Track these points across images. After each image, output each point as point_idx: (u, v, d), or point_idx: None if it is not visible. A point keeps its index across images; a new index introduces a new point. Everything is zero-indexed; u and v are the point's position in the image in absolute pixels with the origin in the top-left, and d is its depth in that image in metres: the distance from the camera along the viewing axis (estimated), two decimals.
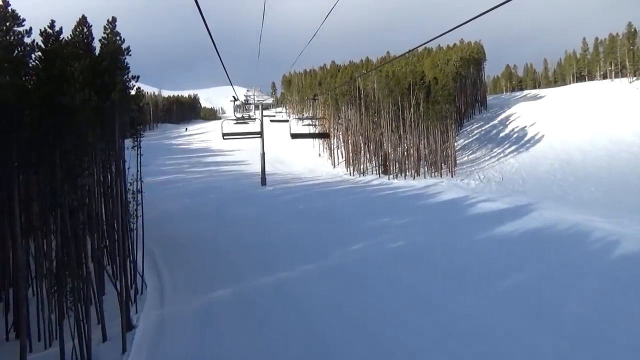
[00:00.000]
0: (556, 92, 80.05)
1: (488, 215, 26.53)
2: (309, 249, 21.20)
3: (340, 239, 22.52)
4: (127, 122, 16.84)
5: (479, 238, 21.68)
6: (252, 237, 24.40)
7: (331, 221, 27.15)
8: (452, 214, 27.85)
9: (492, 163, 49.80)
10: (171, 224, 30.09)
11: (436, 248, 20.38)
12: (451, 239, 21.72)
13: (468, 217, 26.73)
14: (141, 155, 20.76)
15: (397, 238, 22.10)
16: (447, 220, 26.01)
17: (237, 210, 33.25)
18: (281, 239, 23.58)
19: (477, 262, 18.30)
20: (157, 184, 50.70)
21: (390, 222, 25.90)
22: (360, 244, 21.46)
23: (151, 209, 35.50)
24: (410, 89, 46.66)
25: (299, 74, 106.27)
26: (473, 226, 24.10)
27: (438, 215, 27.41)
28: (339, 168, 61.87)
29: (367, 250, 20.41)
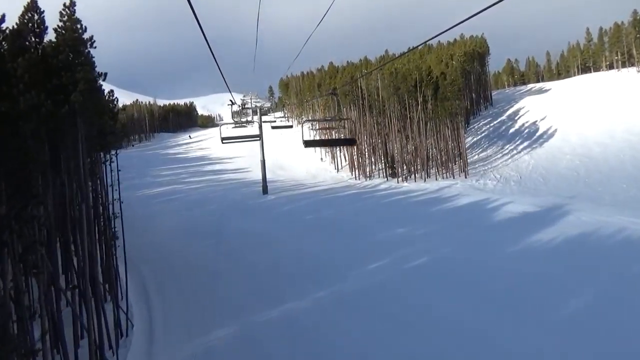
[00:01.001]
0: (562, 84, 77.50)
1: (517, 221, 23.78)
2: (320, 271, 18.44)
3: (354, 257, 19.76)
4: (98, 132, 14.03)
5: (513, 250, 18.92)
6: (255, 257, 21.63)
7: (341, 234, 24.40)
8: (475, 220, 25.10)
9: (506, 161, 47.08)
10: (166, 243, 27.34)
11: (465, 265, 17.59)
12: (481, 252, 18.95)
13: (494, 224, 23.97)
14: (119, 170, 17.95)
15: (418, 253, 19.33)
16: (471, 228, 23.24)
17: (238, 224, 30.52)
18: (288, 258, 20.80)
19: (520, 282, 15.53)
20: (151, 197, 48.13)
21: (407, 234, 23.14)
22: (378, 262, 18.69)
23: (144, 226, 32.94)
24: (416, 86, 44.00)
25: (296, 77, 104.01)
26: (503, 235, 21.35)
27: (459, 223, 24.65)
28: (343, 172, 59.19)
29: (387, 271, 17.64)
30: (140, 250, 26.79)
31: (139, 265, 23.11)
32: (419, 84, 43.75)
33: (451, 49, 70.24)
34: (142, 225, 33.63)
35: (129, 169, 69.51)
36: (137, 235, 31.32)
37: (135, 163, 72.44)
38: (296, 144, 77.97)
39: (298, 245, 22.70)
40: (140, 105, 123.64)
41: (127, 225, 34.34)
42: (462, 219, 25.69)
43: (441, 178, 43.65)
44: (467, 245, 19.90)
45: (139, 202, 45.29)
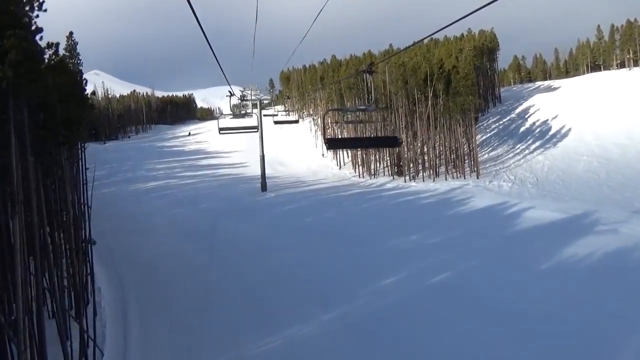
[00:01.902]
0: (571, 82, 74.90)
1: (543, 230, 21.36)
2: (326, 287, 16.00)
3: (365, 270, 17.33)
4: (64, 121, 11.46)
5: (548, 267, 16.47)
6: (251, 266, 19.19)
7: (347, 241, 21.95)
8: (495, 228, 22.65)
9: (518, 161, 44.64)
10: (153, 246, 24.90)
11: (495, 285, 15.14)
12: (510, 268, 16.49)
13: (518, 232, 21.52)
14: (86, 169, 15.47)
15: (437, 267, 16.89)
16: (492, 237, 20.78)
17: (234, 224, 28.10)
18: (288, 269, 18.35)
19: (562, 307, 13.11)
20: (144, 192, 45.72)
21: (421, 242, 20.70)
22: (391, 277, 16.26)
23: (134, 224, 30.51)
24: (427, 80, 41.47)
25: (298, 70, 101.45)
26: (531, 247, 18.93)
27: (478, 230, 22.21)
28: (346, 169, 56.76)
29: (404, 289, 15.20)
30: (126, 252, 24.41)
31: (121, 272, 20.69)
32: (429, 78, 41.20)
33: (459, 43, 67.53)
34: (132, 223, 31.32)
35: (123, 161, 67.16)
36: (126, 233, 29.10)
37: (131, 155, 70.05)
38: (297, 138, 75.50)
39: (299, 253, 20.24)
40: (138, 96, 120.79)
41: (117, 223, 32.08)
42: (481, 225, 23.25)
43: (451, 178, 41.23)
44: (492, 259, 17.46)
45: (132, 197, 42.93)
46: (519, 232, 21.36)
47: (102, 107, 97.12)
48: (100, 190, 48.98)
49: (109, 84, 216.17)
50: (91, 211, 17.61)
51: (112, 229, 30.16)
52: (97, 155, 69.33)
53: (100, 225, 31.88)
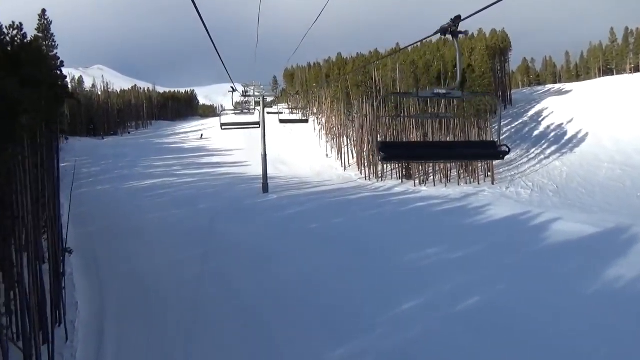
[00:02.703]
0: (584, 86, 72.48)
1: (577, 246, 19.07)
2: (335, 311, 13.74)
3: (379, 291, 15.06)
4: None
5: (592, 292, 14.21)
6: (249, 281, 16.97)
7: (358, 252, 19.71)
8: (522, 242, 20.34)
9: (534, 166, 42.36)
10: (143, 251, 22.66)
11: (532, 313, 12.85)
12: (547, 291, 14.20)
13: (549, 248, 19.22)
14: (57, 168, 13.35)
15: (462, 290, 14.61)
16: (521, 253, 18.49)
17: (233, 228, 25.87)
18: (292, 286, 16.12)
19: (619, 344, 10.89)
20: (140, 190, 43.47)
21: (441, 257, 18.43)
22: (410, 302, 14.00)
23: (123, 226, 28.37)
24: (439, 78, 39.20)
25: (302, 67, 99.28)
26: (567, 266, 16.64)
27: (504, 244, 19.91)
28: (351, 170, 54.48)
29: (426, 318, 12.93)
30: (112, 259, 22.20)
31: (104, 284, 18.53)
32: (442, 76, 38.92)
33: (470, 43, 65.20)
34: (123, 224, 29.18)
35: (120, 158, 64.88)
36: (115, 236, 26.94)
37: (128, 152, 67.83)
38: (300, 137, 73.25)
39: (304, 267, 17.98)
40: (139, 91, 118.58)
41: (108, 224, 29.86)
42: (505, 238, 20.97)
43: (464, 183, 38.96)
44: (526, 280, 15.18)
45: (126, 196, 40.67)
46: (551, 247, 19.05)
47: (102, 101, 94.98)
48: (95, 187, 46.95)
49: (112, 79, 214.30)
50: (69, 214, 15.18)
51: (101, 230, 28.02)
52: (94, 151, 67.27)
53: (89, 225, 29.83)
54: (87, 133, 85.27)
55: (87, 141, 76.43)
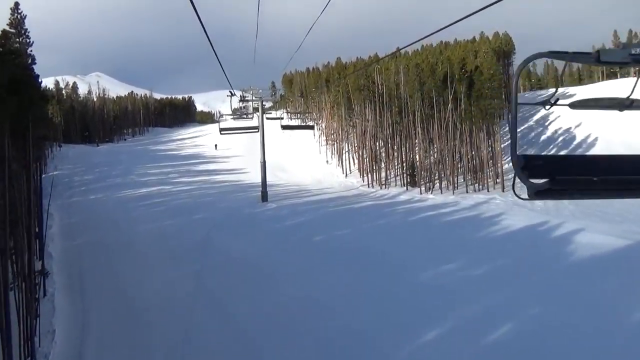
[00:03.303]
0: (588, 90, 71.14)
1: (609, 261, 17.29)
2: (344, 342, 11.96)
3: (395, 315, 13.30)
4: None
5: None
6: (247, 304, 15.20)
7: (366, 269, 17.95)
8: (548, 256, 18.55)
9: None
10: (132, 267, 20.91)
11: (576, 344, 11.07)
12: (590, 317, 12.41)
13: (579, 263, 17.44)
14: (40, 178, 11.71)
15: (490, 315, 12.88)
16: (549, 269, 16.69)
17: (230, 242, 24.11)
18: (294, 309, 14.33)
19: None
20: (133, 200, 41.68)
21: (461, 273, 16.68)
22: (433, 330, 12.25)
23: (113, 239, 26.61)
24: (447, 81, 37.57)
25: (301, 72, 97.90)
26: (604, 284, 14.85)
27: (527, 259, 18.11)
28: (352, 177, 52.75)
29: (452, 350, 11.17)
30: (98, 276, 20.45)
31: (87, 306, 16.77)
32: (450, 79, 37.30)
33: (472, 46, 63.78)
34: (113, 236, 27.43)
35: (114, 165, 63.01)
36: (104, 249, 25.23)
37: (123, 159, 66.05)
38: (299, 143, 71.55)
39: (307, 288, 16.19)
40: (135, 97, 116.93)
41: (97, 236, 28.02)
42: (527, 252, 19.20)
43: (472, 190, 37.26)
44: (563, 302, 13.41)
45: (119, 205, 38.86)
46: (581, 262, 17.30)
47: (97, 107, 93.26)
48: (87, 196, 45.15)
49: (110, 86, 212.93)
50: (47, 231, 13.41)
51: (89, 243, 26.25)
52: (88, 158, 65.47)
53: (78, 237, 28.06)
54: (81, 140, 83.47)
55: (81, 148, 74.65)
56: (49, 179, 53.23)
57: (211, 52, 8.14)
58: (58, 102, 72.03)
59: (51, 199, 45.05)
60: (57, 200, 43.80)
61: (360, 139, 50.85)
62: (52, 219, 35.01)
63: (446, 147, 39.11)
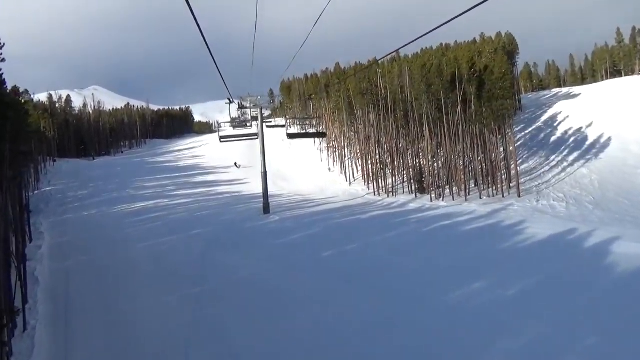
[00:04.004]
0: (593, 89, 69.32)
1: None
2: None
3: (422, 349, 11.34)
4: None
5: None
6: (253, 338, 13.21)
7: (383, 291, 16.00)
8: (588, 271, 16.55)
9: (558, 175, 38.84)
10: (124, 293, 18.84)
11: None
12: None
13: (628, 279, 15.47)
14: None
15: (543, 351, 10.88)
16: (596, 288, 14.70)
17: (231, 261, 22.18)
18: (307, 345, 12.35)
19: None
20: (129, 215, 39.83)
21: (492, 295, 14.69)
22: None
23: (104, 260, 24.64)
24: (456, 82, 35.72)
25: (299, 79, 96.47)
26: None
27: (565, 276, 16.09)
28: (357, 185, 50.88)
29: None
30: (85, 306, 18.41)
31: (72, 344, 14.76)
32: (458, 80, 35.47)
33: (475, 47, 62.14)
34: (105, 257, 25.47)
35: (110, 179, 61.12)
36: (94, 273, 23.24)
37: (119, 172, 64.23)
38: (300, 151, 69.76)
39: (319, 315, 14.20)
40: (132, 109, 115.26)
41: (87, 258, 26.00)
42: (562, 267, 17.19)
43: (486, 196, 35.33)
44: (629, 333, 11.42)
45: (113, 222, 36.96)
46: (630, 278, 15.33)
47: (92, 120, 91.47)
48: (80, 212, 43.25)
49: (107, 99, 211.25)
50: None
51: (79, 266, 24.22)
52: (83, 173, 63.59)
53: (68, 259, 26.02)
54: (77, 154, 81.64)
55: (76, 162, 72.74)
56: (41, 195, 51.44)
57: (209, 61, 8.06)
58: (51, 115, 70.29)
59: (43, 216, 43.33)
60: (49, 218, 41.97)
61: (363, 144, 49.00)
62: (43, 239, 33.08)
63: (455, 151, 37.23)
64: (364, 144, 49.00)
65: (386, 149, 46.77)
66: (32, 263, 25.29)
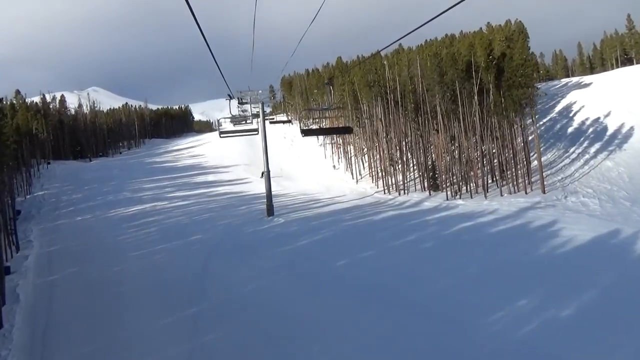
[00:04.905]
0: (605, 77, 66.65)
1: None
2: None
3: None
4: None
5: None
6: None
7: (410, 309, 13.69)
8: None
9: (581, 168, 36.34)
10: (112, 314, 16.48)
11: None
12: None
13: None
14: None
15: None
16: None
17: (232, 274, 19.80)
18: None
19: None
20: (125, 220, 37.50)
21: (545, 317, 12.30)
22: None
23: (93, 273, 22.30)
24: (472, 71, 33.18)
25: (301, 75, 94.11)
26: None
27: (625, 289, 13.75)
28: (364, 183, 48.46)
29: None
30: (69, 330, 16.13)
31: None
32: (474, 68, 32.91)
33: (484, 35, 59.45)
34: (94, 270, 23.13)
35: (105, 181, 58.63)
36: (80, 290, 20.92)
37: (115, 174, 61.87)
38: (302, 148, 67.30)
39: (338, 346, 11.83)
40: (130, 109, 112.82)
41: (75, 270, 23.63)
42: (615, 275, 14.77)
43: (507, 192, 32.84)
44: None
45: (107, 228, 34.49)
46: None
47: (88, 121, 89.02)
48: (73, 217, 40.87)
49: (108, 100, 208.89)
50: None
51: (66, 280, 21.85)
52: (78, 175, 61.17)
53: (54, 271, 23.70)
54: (73, 156, 79.24)
55: (71, 164, 70.39)
56: (33, 200, 49.12)
57: (208, 59, 8.06)
58: (44, 117, 67.88)
59: (34, 222, 40.96)
60: (40, 224, 39.64)
61: (370, 140, 46.53)
62: (31, 247, 30.78)
63: (471, 144, 34.73)
64: (370, 139, 46.54)
65: (394, 144, 44.30)
66: (15, 277, 23.03)
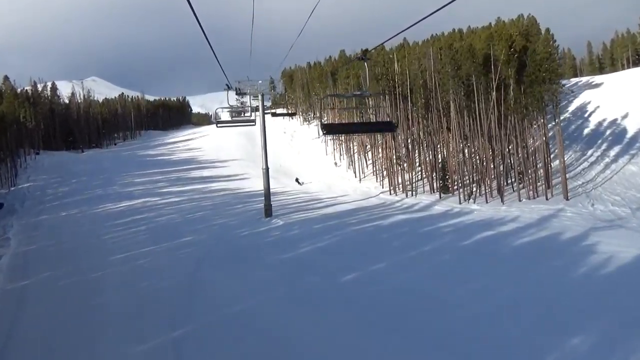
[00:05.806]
0: (617, 77, 64.28)
1: None
2: None
3: None
4: None
5: None
6: None
7: (436, 341, 11.17)
8: None
9: (602, 172, 34.01)
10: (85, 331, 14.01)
11: None
12: None
13: None
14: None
15: None
16: None
17: (222, 285, 17.31)
18: None
19: None
20: (112, 216, 35.03)
21: (607, 356, 9.86)
22: None
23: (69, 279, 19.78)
24: (491, 65, 30.67)
25: (302, 68, 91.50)
26: None
27: None
28: (368, 182, 46.04)
29: None
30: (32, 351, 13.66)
31: None
32: (493, 62, 30.41)
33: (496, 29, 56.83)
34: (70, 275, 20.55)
35: (95, 174, 56.00)
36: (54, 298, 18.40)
37: (106, 167, 59.28)
38: (302, 144, 64.84)
39: None
40: (126, 99, 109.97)
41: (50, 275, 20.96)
42: None
43: (525, 197, 30.43)
44: None
45: (91, 226, 31.89)
46: None
47: (82, 111, 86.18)
48: (58, 213, 38.32)
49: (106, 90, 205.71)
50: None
51: (39, 285, 19.18)
52: (67, 167, 58.49)
53: (29, 274, 21.07)
54: (64, 146, 76.52)
55: (61, 156, 67.63)
56: (17, 192, 46.55)
57: (208, 50, 8.34)
58: (33, 105, 65.06)
59: (16, 217, 38.41)
60: (22, 219, 37.10)
61: (375, 136, 44.05)
62: (8, 246, 28.28)
63: (486, 144, 32.27)
64: (375, 136, 44.07)
65: (401, 141, 41.83)
66: None
